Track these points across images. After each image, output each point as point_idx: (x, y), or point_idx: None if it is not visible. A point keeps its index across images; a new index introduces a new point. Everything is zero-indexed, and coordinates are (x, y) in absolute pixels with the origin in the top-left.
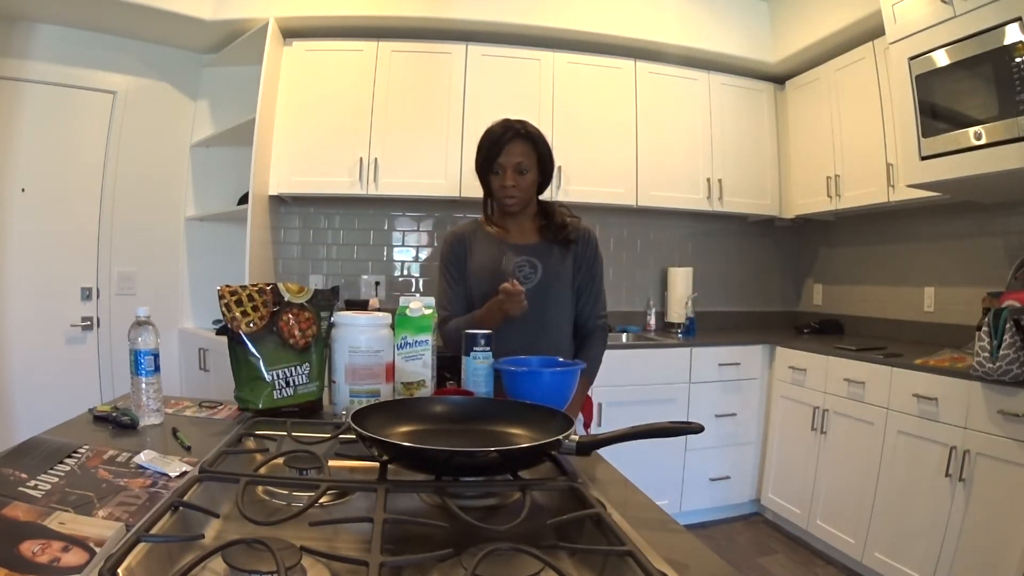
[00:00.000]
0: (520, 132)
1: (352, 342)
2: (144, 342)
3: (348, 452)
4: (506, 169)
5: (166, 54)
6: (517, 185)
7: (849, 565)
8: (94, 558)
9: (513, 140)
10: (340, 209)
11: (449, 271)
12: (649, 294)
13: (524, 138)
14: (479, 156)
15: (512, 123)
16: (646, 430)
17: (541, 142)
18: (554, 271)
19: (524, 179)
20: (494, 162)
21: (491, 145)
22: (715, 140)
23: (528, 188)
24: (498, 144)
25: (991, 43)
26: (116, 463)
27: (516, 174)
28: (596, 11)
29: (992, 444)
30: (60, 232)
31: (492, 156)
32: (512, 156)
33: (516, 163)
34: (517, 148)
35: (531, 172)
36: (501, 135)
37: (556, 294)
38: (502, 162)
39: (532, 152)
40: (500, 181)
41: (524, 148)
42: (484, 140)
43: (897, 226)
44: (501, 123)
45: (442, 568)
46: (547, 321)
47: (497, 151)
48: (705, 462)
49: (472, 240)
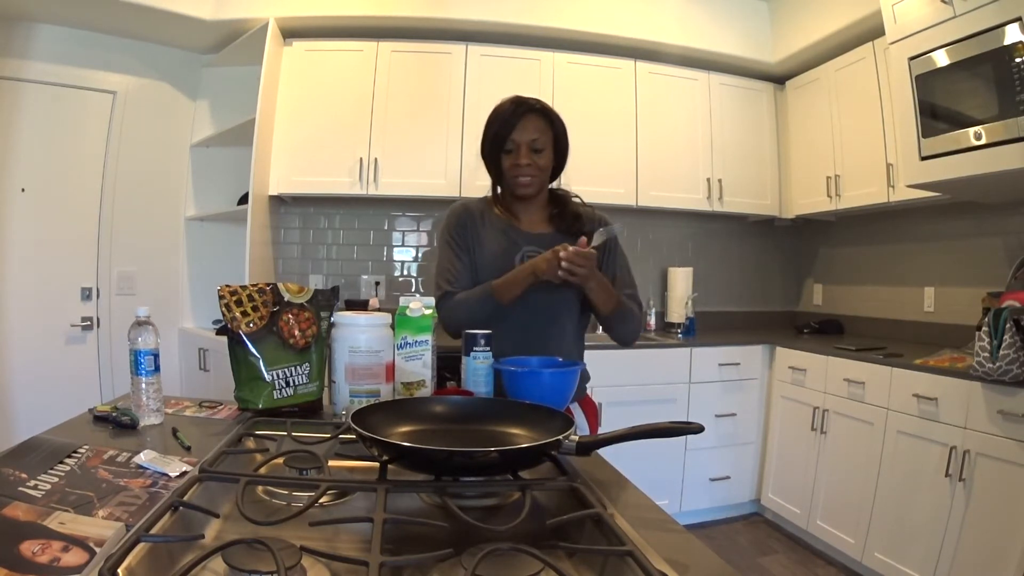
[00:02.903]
0: (535, 107)
1: (352, 342)
2: (144, 342)
3: (348, 452)
4: (520, 146)
5: (166, 54)
6: (533, 164)
7: (849, 565)
8: (94, 558)
9: (527, 115)
10: (340, 209)
11: (456, 241)
12: (649, 294)
13: (539, 114)
14: (487, 134)
15: (525, 98)
16: (646, 430)
17: (557, 120)
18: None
19: (539, 158)
20: (506, 139)
21: (503, 121)
22: (715, 140)
23: (543, 169)
24: (510, 120)
25: (991, 43)
26: (116, 463)
27: (531, 152)
28: (596, 11)
29: (992, 444)
30: (60, 232)
31: (504, 133)
32: (526, 132)
33: (531, 140)
34: (531, 124)
35: (546, 151)
36: (513, 110)
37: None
38: (515, 139)
39: (548, 129)
40: (513, 160)
41: (539, 124)
42: (493, 116)
43: (897, 226)
44: (512, 99)
45: (442, 568)
46: (552, 315)
47: (509, 127)
48: (705, 462)
49: (481, 221)
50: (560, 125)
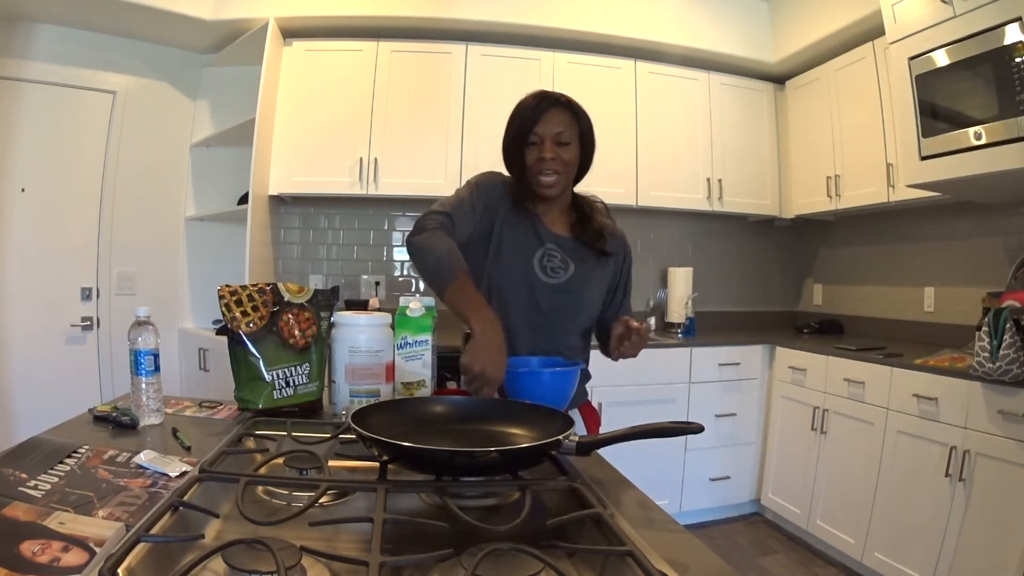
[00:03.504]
0: (560, 100)
1: (352, 342)
2: (144, 342)
3: (348, 452)
4: (544, 139)
5: (166, 54)
6: (558, 158)
7: (849, 565)
8: (94, 558)
9: (552, 108)
10: (340, 209)
11: (477, 197)
12: (649, 294)
13: (565, 107)
14: (511, 128)
15: (549, 92)
16: (646, 430)
17: (583, 115)
18: (585, 277)
19: (565, 152)
20: (529, 132)
21: (527, 114)
22: (715, 140)
23: (569, 165)
24: (535, 113)
25: (991, 43)
26: (116, 463)
27: (556, 145)
28: (596, 11)
29: (992, 444)
30: (60, 232)
31: (528, 126)
32: (551, 125)
33: (556, 133)
34: (556, 117)
35: (572, 146)
36: (537, 104)
37: (580, 300)
38: (539, 132)
39: (574, 124)
40: (537, 153)
41: (565, 118)
42: (517, 111)
43: (897, 226)
44: (536, 92)
45: (442, 568)
46: (558, 322)
47: (533, 120)
48: (705, 462)
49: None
50: (586, 120)
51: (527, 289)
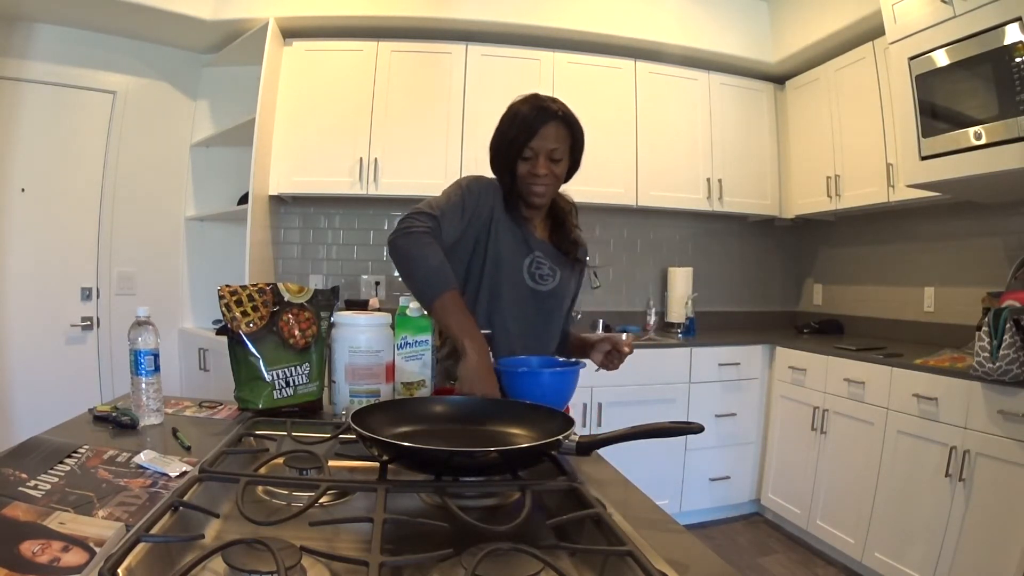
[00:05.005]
0: (558, 114)
1: (352, 342)
2: (144, 342)
3: (348, 452)
4: (539, 155)
5: (166, 54)
6: (550, 174)
7: (849, 565)
8: (94, 558)
9: (549, 123)
10: (340, 209)
11: (466, 204)
12: (649, 294)
13: (562, 121)
14: (504, 136)
15: (546, 102)
16: (646, 430)
17: (577, 127)
18: (567, 284)
19: (557, 167)
20: (524, 146)
21: (523, 126)
22: (715, 140)
23: (560, 177)
24: (532, 126)
25: (991, 43)
26: (116, 463)
27: (549, 162)
28: (596, 11)
29: (992, 444)
30: (60, 232)
31: (523, 140)
32: (547, 141)
33: (551, 149)
34: (552, 132)
35: (564, 161)
36: (535, 116)
37: (562, 307)
38: (535, 147)
39: (567, 138)
40: (530, 168)
41: (560, 133)
42: (513, 119)
43: (897, 226)
44: (532, 101)
45: (442, 568)
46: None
47: (529, 134)
48: (705, 462)
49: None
50: (579, 131)
51: (519, 295)
